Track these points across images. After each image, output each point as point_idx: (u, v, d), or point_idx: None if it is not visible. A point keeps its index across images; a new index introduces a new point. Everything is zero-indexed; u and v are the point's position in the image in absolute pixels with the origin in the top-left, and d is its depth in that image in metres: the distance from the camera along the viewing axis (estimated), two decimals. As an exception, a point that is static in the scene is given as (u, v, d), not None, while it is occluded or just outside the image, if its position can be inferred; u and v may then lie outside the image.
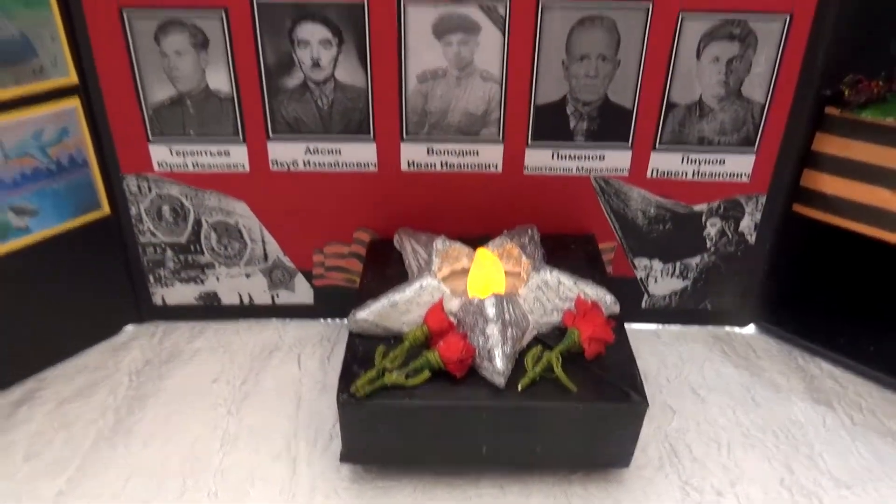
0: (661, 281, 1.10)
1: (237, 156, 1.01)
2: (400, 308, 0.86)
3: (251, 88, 0.95)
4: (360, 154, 1.01)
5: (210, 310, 1.14)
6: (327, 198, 1.04)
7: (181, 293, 1.13)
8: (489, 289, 0.87)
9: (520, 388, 0.78)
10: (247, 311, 1.15)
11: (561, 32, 0.92)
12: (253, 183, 1.03)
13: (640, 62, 0.93)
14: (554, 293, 0.87)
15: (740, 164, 1.00)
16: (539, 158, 1.01)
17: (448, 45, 0.93)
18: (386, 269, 0.99)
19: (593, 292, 0.88)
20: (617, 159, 1.00)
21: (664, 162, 1.00)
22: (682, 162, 1.00)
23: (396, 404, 0.78)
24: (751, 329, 1.15)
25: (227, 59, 0.93)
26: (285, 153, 1.01)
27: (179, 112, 0.97)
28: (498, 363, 0.78)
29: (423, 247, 0.96)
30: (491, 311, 0.82)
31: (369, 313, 0.86)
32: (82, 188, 1.00)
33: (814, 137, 1.00)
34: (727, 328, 1.15)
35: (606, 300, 0.88)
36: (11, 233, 0.93)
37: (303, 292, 1.14)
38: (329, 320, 1.16)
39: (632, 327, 1.14)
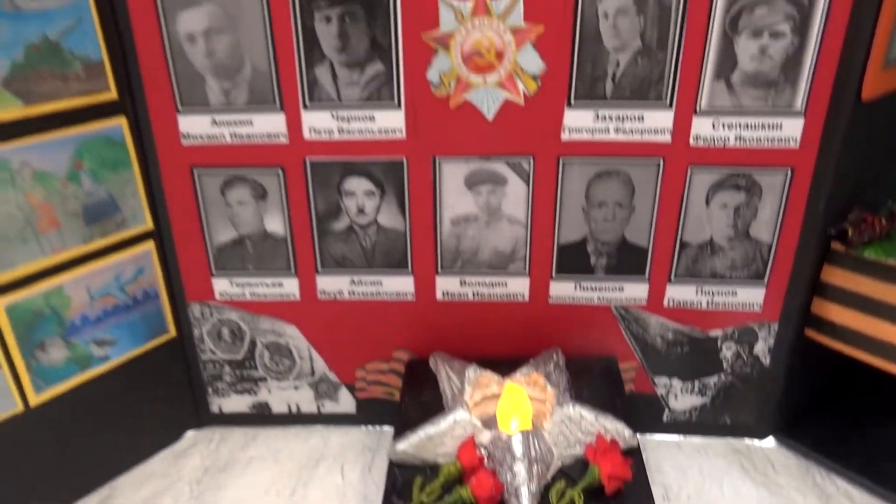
0: (682, 397, 1.17)
1: (289, 287, 1.12)
2: (435, 441, 0.94)
3: (303, 231, 1.07)
4: (399, 285, 1.11)
5: (262, 418, 1.25)
6: (369, 322, 1.15)
7: (236, 403, 1.24)
8: (517, 423, 0.95)
9: (544, 524, 0.86)
10: (295, 418, 1.25)
11: (580, 184, 1.02)
12: (303, 309, 1.14)
13: (653, 208, 1.02)
14: (576, 427, 0.95)
15: (751, 296, 1.07)
16: (562, 289, 1.10)
17: (478, 194, 1.04)
18: (422, 394, 1.08)
19: (613, 427, 0.95)
20: (635, 290, 1.09)
21: (679, 293, 1.08)
22: (697, 293, 1.08)
23: (432, 538, 0.86)
24: (770, 442, 1.20)
25: (282, 207, 1.06)
26: (332, 285, 1.12)
27: (240, 251, 1.10)
28: (525, 502, 0.85)
29: (457, 374, 1.05)
30: (518, 449, 0.90)
31: (408, 445, 0.95)
32: (153, 317, 1.12)
33: (822, 268, 1.07)
34: (747, 441, 1.20)
35: (625, 435, 0.95)
36: (93, 362, 1.06)
37: (346, 403, 1.23)
38: (370, 427, 1.26)
39: (654, 438, 1.21)
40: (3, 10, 0.83)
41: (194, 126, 1.00)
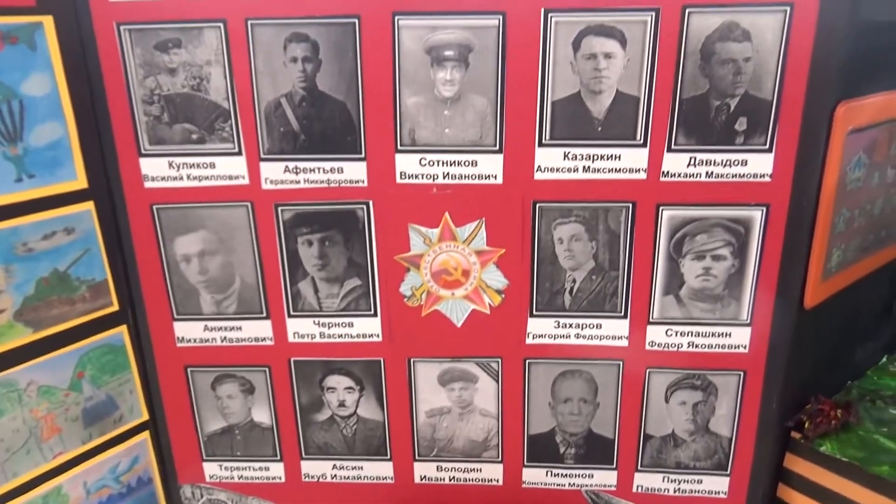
0: (657, 577, 1.19)
1: (275, 471, 1.18)
2: None
3: (288, 422, 1.14)
4: (378, 470, 1.17)
5: (249, 590, 1.29)
6: (351, 501, 1.19)
7: (224, 576, 1.28)
8: None
9: None
10: (281, 591, 1.29)
11: (546, 382, 1.08)
12: (288, 490, 1.19)
13: (616, 404, 1.08)
14: None
15: (716, 484, 1.11)
16: (534, 475, 1.14)
17: (451, 390, 1.10)
18: (400, 581, 1.12)
19: None
20: (604, 477, 1.13)
21: (647, 480, 1.12)
22: (664, 481, 1.12)
23: None
24: None
25: (269, 400, 1.13)
26: (315, 469, 1.17)
27: (229, 439, 1.16)
28: None
29: (433, 564, 1.09)
30: None
31: None
32: (146, 499, 1.18)
33: (785, 456, 1.11)
34: None
35: None
36: (87, 552, 1.11)
37: (330, 577, 1.27)
38: None
39: None
40: (17, 255, 0.93)
41: (188, 331, 1.09)
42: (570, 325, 1.04)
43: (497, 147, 0.95)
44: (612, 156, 0.95)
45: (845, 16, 0.86)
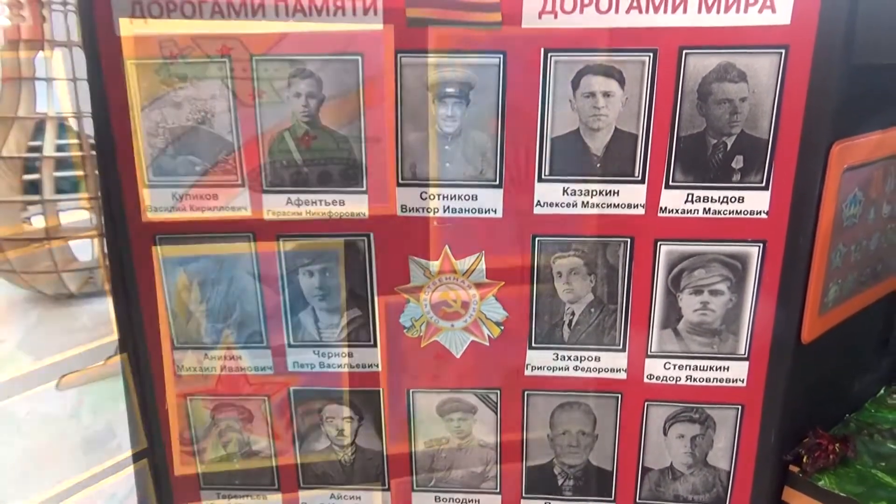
0: None
1: (273, 500, 1.17)
2: None
3: (286, 451, 1.14)
4: (376, 500, 1.16)
5: None
6: (349, 533, 1.20)
7: None
8: None
9: None
10: None
11: (544, 413, 1.08)
12: (286, 519, 1.20)
13: (615, 437, 1.08)
14: None
15: (715, 517, 1.11)
16: (533, 506, 1.15)
17: (450, 420, 1.10)
18: None
19: None
20: (602, 509, 1.14)
21: (645, 513, 1.13)
22: (662, 513, 1.12)
23: None
24: None
25: (268, 429, 1.12)
26: (314, 499, 1.17)
27: (227, 468, 1.16)
28: None
29: None
30: None
31: None
32: (143, 528, 1.18)
33: (783, 490, 1.11)
34: None
35: None
36: (83, 581, 1.11)
37: None
38: None
39: None
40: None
41: (188, 360, 1.09)
42: (569, 358, 1.04)
43: (497, 182, 0.97)
44: (610, 191, 0.96)
45: (840, 57, 0.88)
